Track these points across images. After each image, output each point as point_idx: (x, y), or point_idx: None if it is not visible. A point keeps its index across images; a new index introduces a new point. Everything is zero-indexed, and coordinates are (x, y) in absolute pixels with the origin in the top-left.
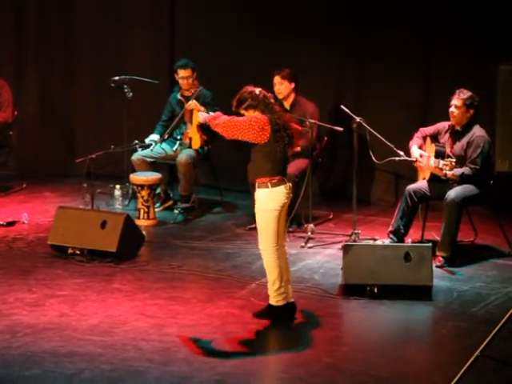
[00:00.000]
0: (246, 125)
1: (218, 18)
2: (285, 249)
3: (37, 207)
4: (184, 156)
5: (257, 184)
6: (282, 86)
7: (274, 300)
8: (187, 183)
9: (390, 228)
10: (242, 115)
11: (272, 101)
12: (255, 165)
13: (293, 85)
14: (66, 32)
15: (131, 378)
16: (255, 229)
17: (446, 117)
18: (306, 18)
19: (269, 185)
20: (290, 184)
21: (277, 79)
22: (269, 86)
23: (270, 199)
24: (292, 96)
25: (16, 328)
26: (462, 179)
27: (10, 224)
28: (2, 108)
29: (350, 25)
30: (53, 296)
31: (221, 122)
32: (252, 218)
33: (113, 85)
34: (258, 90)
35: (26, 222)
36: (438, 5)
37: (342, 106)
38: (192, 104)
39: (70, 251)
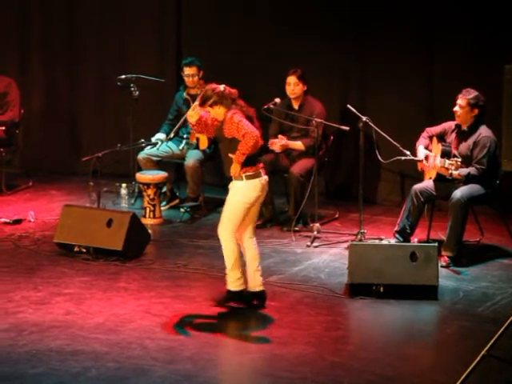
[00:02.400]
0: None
1: (223, 17)
2: (254, 239)
3: (43, 205)
4: (192, 160)
5: (232, 176)
6: (298, 87)
7: (233, 285)
8: (195, 186)
9: (396, 228)
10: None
11: (236, 96)
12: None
13: (306, 87)
14: (71, 31)
15: (136, 377)
16: (259, 226)
17: (452, 116)
18: (310, 18)
19: (243, 177)
20: (266, 178)
21: (293, 79)
22: (273, 85)
23: (244, 191)
24: (302, 96)
25: (22, 326)
26: (467, 179)
27: (17, 222)
28: (9, 107)
29: (353, 25)
30: (58, 294)
31: (246, 148)
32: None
33: (119, 84)
34: (222, 87)
35: (32, 220)
36: (444, 4)
37: (349, 106)
38: None
39: (75, 249)
